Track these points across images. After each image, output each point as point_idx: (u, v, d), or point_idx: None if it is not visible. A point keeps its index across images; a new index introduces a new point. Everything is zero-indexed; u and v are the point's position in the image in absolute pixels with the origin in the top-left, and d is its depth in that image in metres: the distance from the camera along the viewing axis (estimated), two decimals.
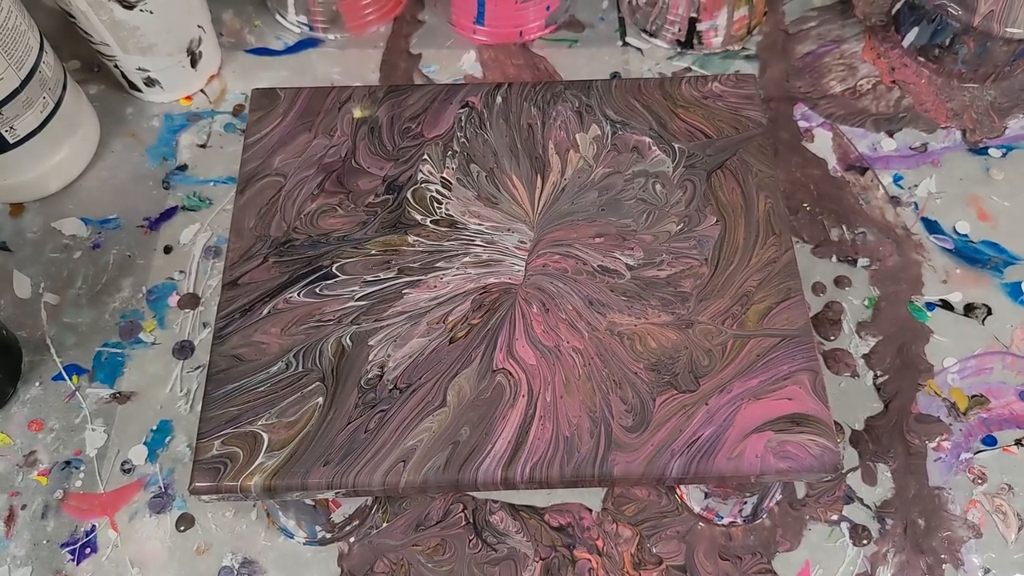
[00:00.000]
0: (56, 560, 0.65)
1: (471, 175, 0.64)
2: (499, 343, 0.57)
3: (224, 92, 0.88)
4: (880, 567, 0.66)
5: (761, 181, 0.63)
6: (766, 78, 0.90)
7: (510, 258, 0.60)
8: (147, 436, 0.70)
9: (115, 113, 0.86)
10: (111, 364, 0.73)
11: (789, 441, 0.54)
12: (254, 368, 0.56)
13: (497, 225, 0.61)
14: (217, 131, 0.85)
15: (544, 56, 0.91)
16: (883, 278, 0.77)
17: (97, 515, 0.67)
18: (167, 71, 0.84)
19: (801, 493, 0.69)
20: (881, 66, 0.90)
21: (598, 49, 0.92)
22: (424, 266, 0.60)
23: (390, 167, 0.64)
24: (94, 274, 0.77)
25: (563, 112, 0.67)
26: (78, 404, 0.71)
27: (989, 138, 0.85)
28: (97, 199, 0.81)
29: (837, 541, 0.67)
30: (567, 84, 0.68)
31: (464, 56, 0.91)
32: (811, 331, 0.57)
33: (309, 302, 0.58)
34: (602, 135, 0.65)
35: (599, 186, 0.63)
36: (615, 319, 0.58)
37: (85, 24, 0.78)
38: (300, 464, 0.53)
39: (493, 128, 0.66)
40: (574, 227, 0.61)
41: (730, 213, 0.62)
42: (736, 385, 0.55)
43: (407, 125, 0.66)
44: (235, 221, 0.62)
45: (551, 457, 0.53)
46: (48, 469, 0.68)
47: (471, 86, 0.68)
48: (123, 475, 0.68)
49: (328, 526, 0.65)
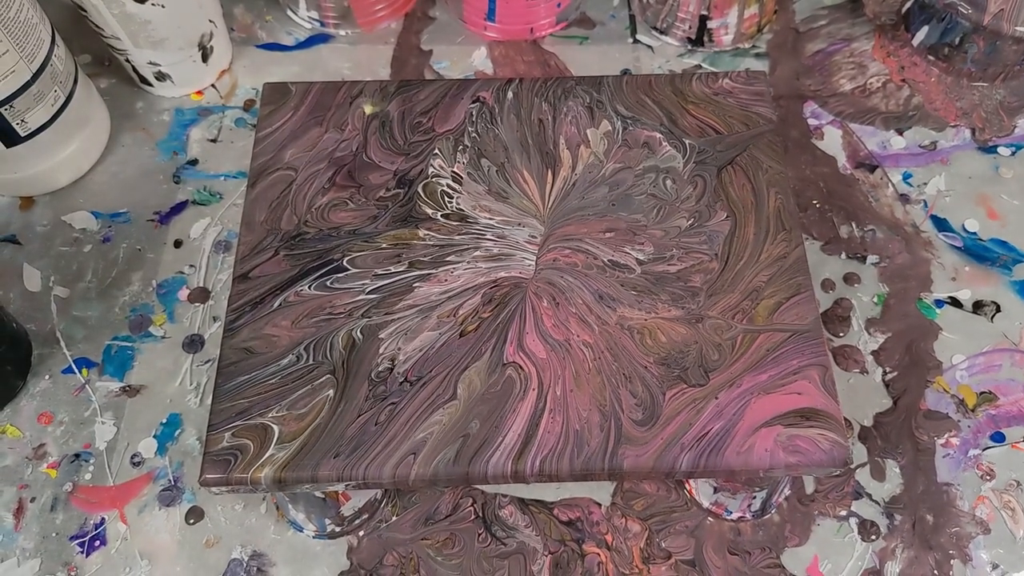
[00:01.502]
0: (65, 553, 0.65)
1: (482, 170, 0.64)
2: (509, 337, 0.57)
3: (235, 87, 0.88)
4: (888, 562, 0.66)
5: (771, 177, 0.63)
6: (776, 76, 0.90)
7: (521, 252, 0.60)
8: (156, 429, 0.70)
9: (125, 107, 0.86)
10: (120, 358, 0.73)
11: (799, 436, 0.54)
12: (265, 361, 0.56)
13: (508, 219, 0.62)
14: (228, 126, 0.85)
15: (555, 53, 0.91)
16: (892, 275, 0.77)
17: (107, 508, 0.67)
18: (178, 65, 0.84)
19: (810, 488, 0.69)
20: (891, 64, 0.90)
21: (609, 46, 0.92)
22: (435, 260, 0.60)
23: (401, 161, 0.64)
24: (104, 268, 0.77)
25: (574, 108, 0.67)
26: (87, 397, 0.71)
27: (998, 137, 0.85)
28: (107, 193, 0.81)
29: (846, 536, 0.67)
30: (578, 80, 0.68)
31: (475, 52, 0.91)
32: (821, 327, 0.57)
33: (320, 295, 0.58)
34: (613, 131, 0.66)
35: (609, 181, 0.63)
36: (625, 313, 0.58)
37: (96, 18, 0.78)
38: (310, 456, 0.53)
39: (504, 123, 0.66)
40: (585, 222, 0.62)
41: (740, 209, 0.62)
42: (746, 380, 0.55)
43: (418, 120, 0.66)
44: (246, 214, 0.62)
45: (561, 450, 0.53)
46: (57, 462, 0.69)
47: (482, 81, 0.68)
48: (132, 468, 0.69)
49: (337, 519, 0.65)
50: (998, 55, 0.84)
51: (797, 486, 0.69)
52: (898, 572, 0.66)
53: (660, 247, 0.61)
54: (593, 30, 0.93)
